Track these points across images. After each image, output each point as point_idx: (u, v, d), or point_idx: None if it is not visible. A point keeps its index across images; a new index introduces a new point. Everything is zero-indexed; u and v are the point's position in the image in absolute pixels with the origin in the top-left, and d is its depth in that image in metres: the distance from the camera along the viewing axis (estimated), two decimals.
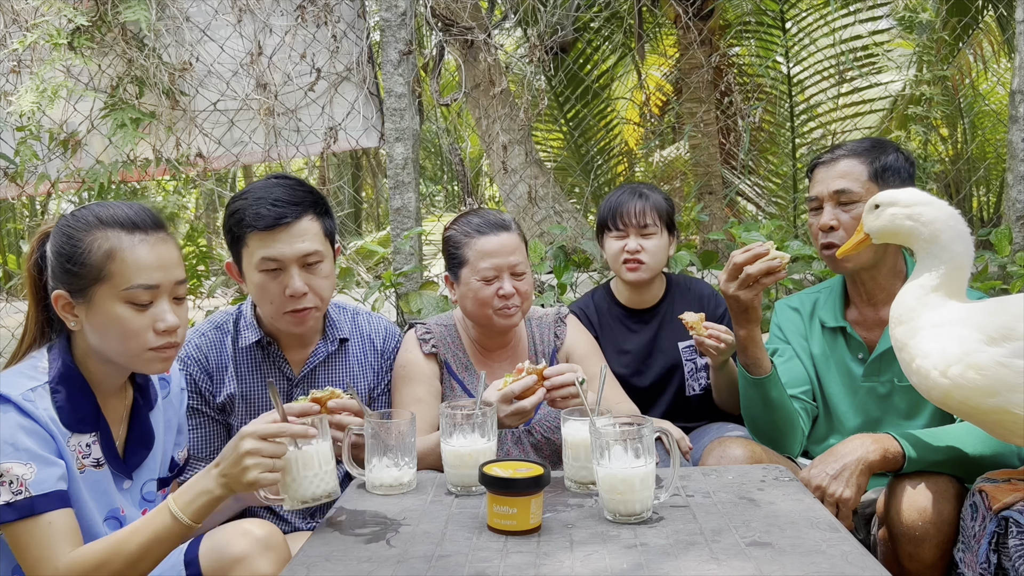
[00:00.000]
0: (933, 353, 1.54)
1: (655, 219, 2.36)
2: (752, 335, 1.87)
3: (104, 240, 1.45)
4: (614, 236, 2.39)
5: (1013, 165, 2.96)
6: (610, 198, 2.44)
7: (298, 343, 2.01)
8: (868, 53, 6.07)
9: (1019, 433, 1.51)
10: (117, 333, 1.45)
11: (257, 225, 1.81)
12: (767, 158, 6.99)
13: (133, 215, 1.49)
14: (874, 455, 1.71)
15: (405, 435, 1.58)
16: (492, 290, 2.00)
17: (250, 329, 1.98)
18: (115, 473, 1.54)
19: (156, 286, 1.46)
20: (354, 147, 3.42)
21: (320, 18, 3.31)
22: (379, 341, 2.11)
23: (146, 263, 1.46)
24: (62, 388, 1.47)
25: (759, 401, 1.91)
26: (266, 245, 1.81)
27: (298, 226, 1.83)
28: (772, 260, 1.76)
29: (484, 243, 2.01)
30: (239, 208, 1.85)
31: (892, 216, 1.64)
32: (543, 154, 7.22)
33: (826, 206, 1.97)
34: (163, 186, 6.19)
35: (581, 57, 6.59)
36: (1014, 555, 1.50)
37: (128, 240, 1.46)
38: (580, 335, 2.21)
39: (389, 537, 1.37)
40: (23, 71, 3.22)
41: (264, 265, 1.82)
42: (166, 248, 1.50)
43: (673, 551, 1.27)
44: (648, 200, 2.37)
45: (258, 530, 1.49)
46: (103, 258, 1.45)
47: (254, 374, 1.99)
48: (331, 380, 2.05)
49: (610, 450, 1.39)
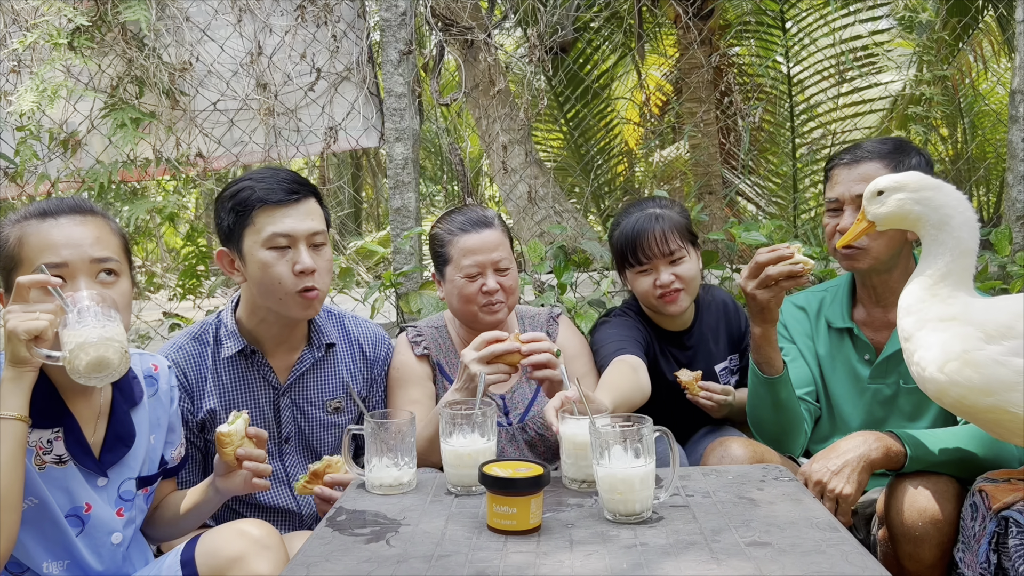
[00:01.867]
0: (935, 347, 1.54)
1: (678, 241, 2.13)
2: (767, 334, 1.86)
3: (18, 229, 1.49)
4: (640, 272, 2.16)
5: (1013, 165, 2.96)
6: (623, 226, 2.18)
7: (283, 349, 1.96)
8: (868, 53, 6.07)
9: (1017, 432, 1.51)
10: None
11: (270, 199, 1.81)
12: (767, 158, 6.99)
13: (50, 205, 1.51)
14: (876, 452, 1.71)
15: (405, 435, 1.58)
16: (476, 287, 2.00)
17: (232, 338, 1.92)
18: (85, 470, 1.53)
19: (63, 263, 1.46)
20: (354, 147, 3.42)
21: (320, 18, 3.31)
22: (368, 347, 2.08)
23: (52, 243, 1.46)
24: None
25: (768, 400, 1.91)
26: (276, 220, 1.81)
27: (308, 204, 1.85)
28: (795, 264, 1.74)
29: (466, 241, 2.02)
30: (245, 187, 1.83)
31: (899, 201, 1.61)
32: (543, 154, 7.22)
33: (847, 209, 1.93)
34: (163, 186, 6.17)
35: (581, 57, 6.59)
36: (1014, 555, 1.50)
37: (36, 225, 1.48)
38: (572, 335, 2.21)
39: (389, 537, 1.37)
40: (23, 71, 3.22)
41: (273, 241, 1.81)
42: (79, 227, 1.49)
43: (673, 551, 1.27)
44: (665, 221, 2.14)
45: (255, 530, 1.49)
46: (15, 245, 1.48)
47: (237, 386, 1.94)
48: (319, 388, 2.00)
49: (610, 450, 1.39)
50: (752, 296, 1.80)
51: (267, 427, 1.95)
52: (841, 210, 1.95)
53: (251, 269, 1.84)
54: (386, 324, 3.45)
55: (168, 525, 1.75)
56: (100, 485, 1.55)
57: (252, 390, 1.95)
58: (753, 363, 1.92)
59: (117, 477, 1.58)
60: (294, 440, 2.00)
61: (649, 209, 2.19)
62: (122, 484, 1.59)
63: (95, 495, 1.54)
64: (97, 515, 1.53)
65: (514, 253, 2.14)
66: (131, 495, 1.60)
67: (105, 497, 1.56)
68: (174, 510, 1.74)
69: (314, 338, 1.99)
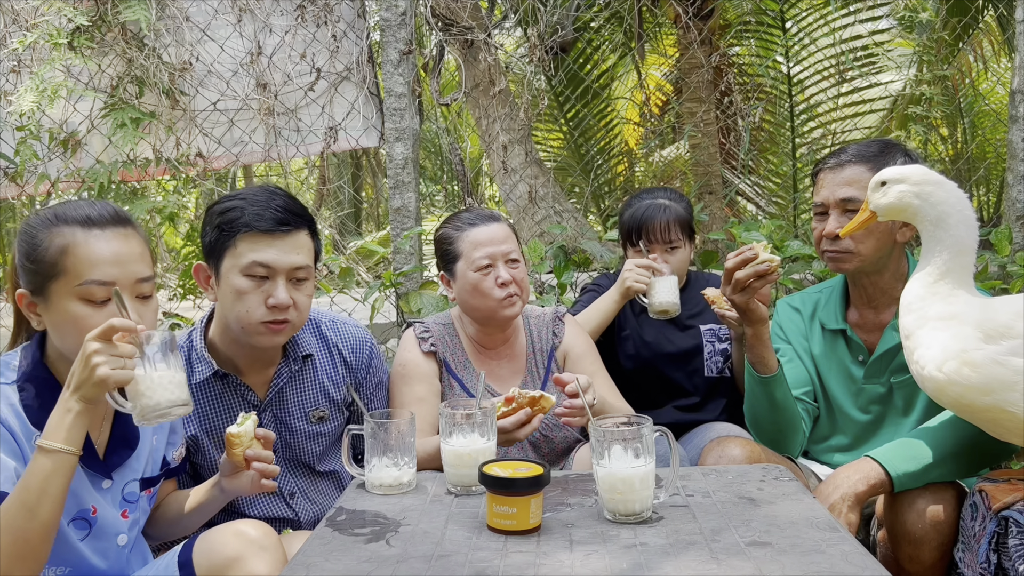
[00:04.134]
0: (934, 346, 1.54)
1: (678, 233, 2.40)
2: (758, 334, 1.87)
3: (59, 236, 1.43)
4: (640, 252, 2.41)
5: (1013, 165, 2.96)
6: (634, 208, 2.44)
7: (258, 366, 1.90)
8: (868, 53, 6.06)
9: (1016, 431, 1.51)
10: (72, 331, 1.42)
11: (257, 226, 1.72)
12: (767, 158, 6.99)
13: (91, 211, 1.47)
14: (860, 486, 1.70)
15: (405, 435, 1.58)
16: (491, 279, 2.00)
17: (202, 363, 1.86)
18: (91, 473, 1.52)
19: (110, 283, 1.43)
20: (354, 147, 3.42)
21: (320, 18, 3.31)
22: (348, 353, 2.00)
23: (100, 258, 1.43)
24: (29, 386, 1.46)
25: (764, 400, 1.91)
26: (259, 249, 1.72)
27: (297, 237, 1.77)
28: (760, 264, 1.78)
29: (476, 234, 2.03)
30: (235, 207, 1.75)
31: (900, 193, 1.62)
32: (543, 154, 7.22)
33: (832, 213, 1.93)
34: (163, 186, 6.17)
35: (581, 57, 6.59)
36: (1014, 555, 1.50)
37: (83, 235, 1.43)
38: (578, 335, 2.22)
39: (389, 537, 1.37)
40: (23, 71, 3.22)
41: (252, 270, 1.73)
42: (123, 243, 1.46)
43: (673, 551, 1.27)
44: (671, 213, 2.39)
45: (252, 531, 1.48)
46: (57, 253, 1.42)
47: (216, 407, 1.89)
48: (300, 399, 1.94)
49: (610, 450, 1.39)
50: (732, 301, 1.86)
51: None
52: (827, 214, 1.95)
53: (223, 291, 1.77)
54: (386, 324, 3.45)
55: (170, 524, 1.74)
56: (104, 487, 1.54)
57: (231, 411, 1.89)
58: (748, 363, 1.93)
59: (121, 479, 1.57)
60: (280, 453, 1.93)
61: (660, 199, 2.43)
62: (126, 486, 1.58)
63: (99, 497, 1.53)
64: (103, 517, 1.53)
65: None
66: (135, 496, 1.60)
67: (109, 499, 1.55)
68: (176, 509, 1.73)
69: (290, 351, 1.92)
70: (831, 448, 2.06)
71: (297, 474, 1.97)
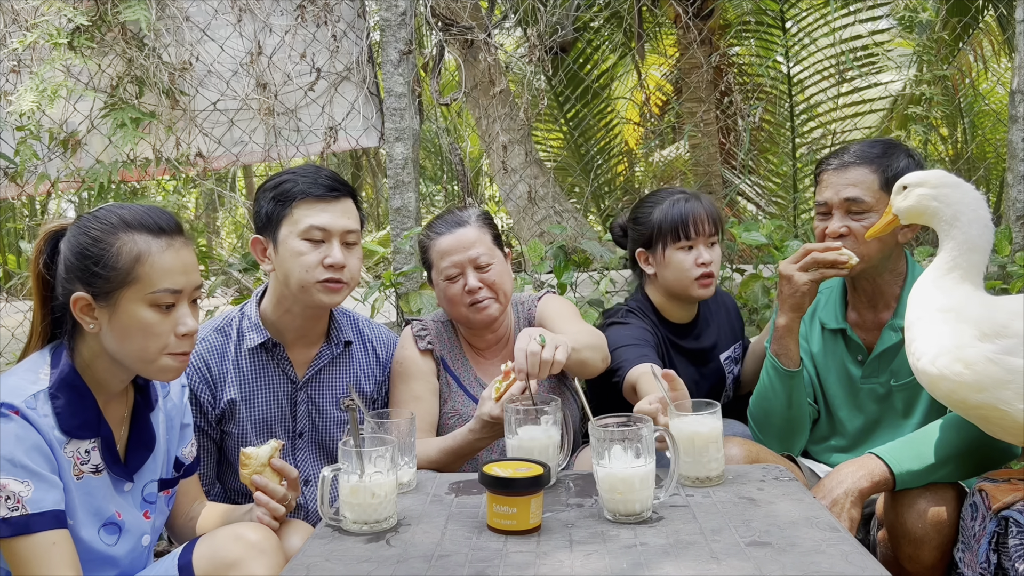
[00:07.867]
0: (931, 339, 1.56)
1: (715, 227, 2.20)
2: (791, 325, 1.90)
3: (132, 243, 1.46)
4: (682, 247, 2.17)
5: (1013, 165, 2.96)
6: (665, 204, 2.19)
7: (303, 342, 2.01)
8: (868, 53, 6.07)
9: (1009, 429, 1.52)
10: (139, 336, 1.46)
11: (312, 192, 1.88)
12: (767, 158, 7.00)
13: (159, 219, 1.50)
14: (863, 482, 1.70)
15: (405, 435, 1.58)
16: (458, 287, 2.01)
17: (255, 331, 1.97)
18: (115, 476, 1.53)
19: (180, 291, 1.48)
20: (354, 147, 3.41)
21: (320, 18, 3.30)
22: (381, 350, 2.13)
23: (172, 267, 1.48)
24: (62, 394, 1.46)
25: (783, 396, 1.92)
26: (314, 214, 1.88)
27: (346, 203, 1.93)
28: (841, 255, 1.82)
29: (441, 243, 2.04)
30: (288, 179, 1.90)
31: (919, 196, 1.65)
32: (543, 154, 7.22)
33: (835, 213, 1.93)
34: (163, 186, 6.19)
35: (581, 57, 6.59)
36: (1014, 555, 1.51)
37: (156, 244, 1.47)
38: (556, 303, 2.15)
39: (389, 537, 1.37)
40: (23, 71, 3.22)
41: (310, 233, 1.87)
42: (188, 253, 1.53)
43: (673, 551, 1.27)
44: (707, 203, 2.20)
45: (252, 534, 1.49)
46: (132, 262, 1.45)
47: (258, 378, 1.98)
48: (334, 385, 2.04)
49: (610, 450, 1.39)
50: (789, 278, 1.86)
51: (282, 421, 2.00)
52: (830, 214, 1.95)
53: (282, 256, 1.90)
54: (386, 324, 3.45)
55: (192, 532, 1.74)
56: (126, 490, 1.56)
57: (271, 383, 1.99)
58: (772, 356, 1.93)
59: (140, 481, 1.59)
60: (307, 435, 2.03)
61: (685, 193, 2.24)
62: (145, 487, 1.60)
63: (122, 501, 1.54)
64: (128, 520, 1.54)
65: (512, 250, 2.14)
66: (154, 497, 1.61)
67: (131, 501, 1.56)
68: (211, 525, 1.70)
69: (333, 335, 2.04)
70: (830, 448, 2.06)
71: (317, 459, 2.03)
